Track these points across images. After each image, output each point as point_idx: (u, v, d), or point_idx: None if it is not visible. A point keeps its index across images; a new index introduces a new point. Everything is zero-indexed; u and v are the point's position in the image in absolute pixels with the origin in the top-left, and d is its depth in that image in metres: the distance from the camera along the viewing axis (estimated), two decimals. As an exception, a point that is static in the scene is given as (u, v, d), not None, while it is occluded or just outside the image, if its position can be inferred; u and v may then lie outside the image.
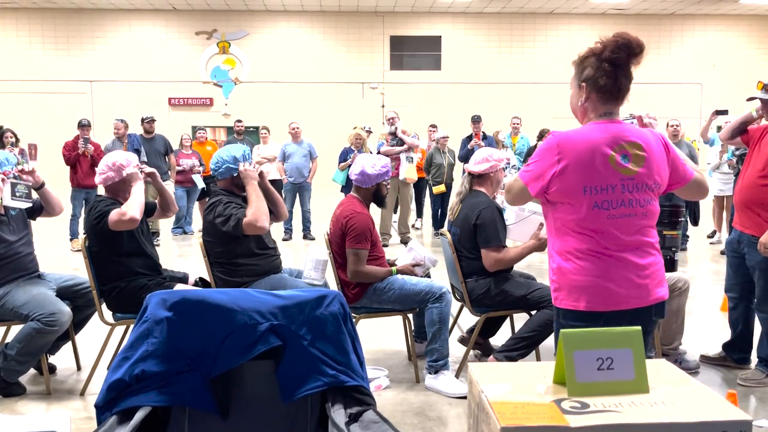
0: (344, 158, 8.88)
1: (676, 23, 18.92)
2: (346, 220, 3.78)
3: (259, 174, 3.81)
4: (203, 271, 3.97)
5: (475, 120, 9.56)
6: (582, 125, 2.18)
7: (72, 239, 8.60)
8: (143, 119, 9.13)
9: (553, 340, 2.57)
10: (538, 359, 4.00)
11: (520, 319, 4.12)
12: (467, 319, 4.71)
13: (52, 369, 3.94)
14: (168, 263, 4.92)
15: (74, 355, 4.01)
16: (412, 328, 4.17)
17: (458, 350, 4.20)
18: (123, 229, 3.55)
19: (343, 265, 3.83)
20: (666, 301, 2.17)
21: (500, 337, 4.27)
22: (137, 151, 8.37)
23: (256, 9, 18.22)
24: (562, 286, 2.16)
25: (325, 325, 1.85)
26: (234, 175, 3.79)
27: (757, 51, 18.96)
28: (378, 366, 4.00)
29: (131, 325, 3.53)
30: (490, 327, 4.22)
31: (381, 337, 4.68)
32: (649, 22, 18.75)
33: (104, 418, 1.73)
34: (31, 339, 3.44)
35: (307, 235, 9.36)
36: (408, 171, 8.70)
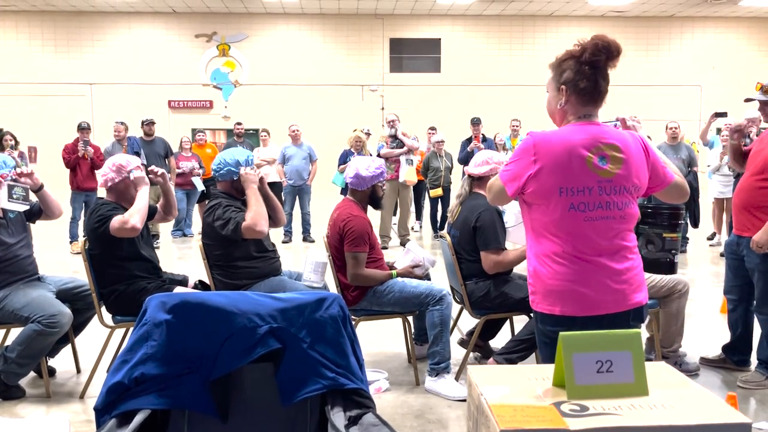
0: (344, 161, 8.88)
1: (676, 25, 18.95)
2: (344, 224, 3.78)
3: (259, 179, 3.82)
4: (203, 273, 3.98)
5: (475, 122, 9.58)
6: (560, 127, 2.17)
7: (72, 242, 8.60)
8: (143, 122, 9.14)
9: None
10: (538, 362, 4.00)
11: (520, 322, 4.13)
12: (467, 322, 4.71)
13: (51, 372, 3.93)
14: (168, 266, 4.93)
15: (74, 358, 4.01)
16: (412, 330, 4.17)
17: (458, 353, 4.20)
18: (124, 237, 3.56)
19: (343, 268, 3.83)
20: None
21: (500, 340, 4.27)
22: (137, 153, 8.39)
23: (256, 12, 18.25)
24: (538, 290, 2.15)
25: (325, 327, 1.85)
26: (234, 179, 3.80)
27: (757, 53, 18.99)
28: (378, 369, 4.00)
29: (131, 328, 3.54)
30: (490, 329, 4.22)
31: (381, 339, 4.67)
32: (648, 25, 18.79)
33: (103, 421, 1.73)
34: (31, 341, 3.44)
35: (307, 238, 9.37)
36: (408, 173, 8.71)
